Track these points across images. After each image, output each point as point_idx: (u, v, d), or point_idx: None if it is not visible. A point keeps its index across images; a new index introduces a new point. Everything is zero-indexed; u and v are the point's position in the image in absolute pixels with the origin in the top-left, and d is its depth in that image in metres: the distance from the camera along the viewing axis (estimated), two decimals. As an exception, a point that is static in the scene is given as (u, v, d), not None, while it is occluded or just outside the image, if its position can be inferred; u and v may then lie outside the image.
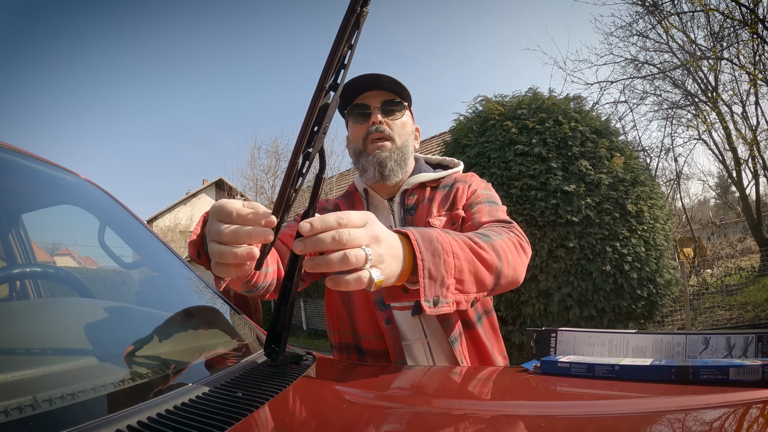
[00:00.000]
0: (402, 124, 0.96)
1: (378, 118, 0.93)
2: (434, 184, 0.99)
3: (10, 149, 0.76)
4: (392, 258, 0.56)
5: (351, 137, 0.99)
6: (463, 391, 0.60)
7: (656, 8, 7.24)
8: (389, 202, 0.98)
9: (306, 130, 0.47)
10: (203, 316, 0.83)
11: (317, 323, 9.51)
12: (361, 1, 0.43)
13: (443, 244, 0.63)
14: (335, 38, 0.44)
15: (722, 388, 0.45)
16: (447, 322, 0.88)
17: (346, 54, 0.46)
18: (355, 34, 0.45)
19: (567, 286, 4.03)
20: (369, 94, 0.94)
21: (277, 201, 0.52)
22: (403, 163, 0.96)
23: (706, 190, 22.52)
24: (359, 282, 0.52)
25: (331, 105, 0.49)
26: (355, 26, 0.44)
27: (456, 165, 1.04)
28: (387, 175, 0.94)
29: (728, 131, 7.77)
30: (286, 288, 0.60)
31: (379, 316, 0.88)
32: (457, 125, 4.82)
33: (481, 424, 0.43)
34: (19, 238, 1.06)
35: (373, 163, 0.93)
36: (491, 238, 0.74)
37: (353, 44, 0.46)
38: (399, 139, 0.95)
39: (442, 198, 0.97)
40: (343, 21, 0.43)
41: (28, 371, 0.44)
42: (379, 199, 0.99)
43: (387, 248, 0.55)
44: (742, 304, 5.65)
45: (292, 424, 0.44)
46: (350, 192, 1.04)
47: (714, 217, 16.23)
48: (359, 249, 0.51)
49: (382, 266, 0.54)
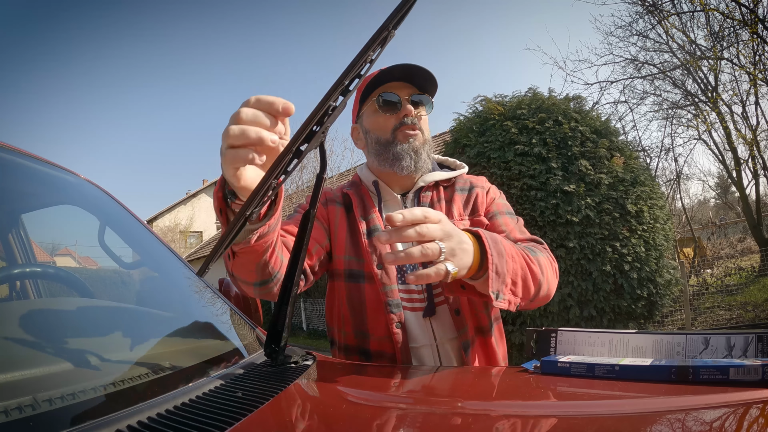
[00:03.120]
0: (426, 120, 0.97)
1: (410, 108, 0.93)
2: (446, 184, 1.00)
3: (10, 149, 0.76)
4: (463, 252, 0.60)
5: (373, 127, 0.97)
6: (463, 391, 0.60)
7: (656, 8, 7.24)
8: (402, 198, 0.97)
9: (306, 128, 0.47)
10: (203, 316, 0.83)
11: (317, 323, 9.51)
12: (394, 22, 0.45)
13: (505, 247, 0.68)
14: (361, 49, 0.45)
15: (722, 388, 0.45)
16: (462, 329, 0.87)
17: (365, 66, 0.48)
18: (378, 52, 0.47)
19: (567, 286, 4.03)
20: (396, 85, 0.94)
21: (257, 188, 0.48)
22: (430, 158, 0.96)
23: (706, 190, 22.54)
24: (438, 274, 0.56)
25: (338, 108, 0.49)
26: (381, 43, 0.46)
27: (461, 167, 1.04)
28: (421, 166, 0.93)
29: (728, 131, 7.76)
30: (286, 288, 0.60)
31: (391, 319, 0.86)
32: (457, 125, 4.82)
33: (480, 424, 0.43)
34: (19, 238, 1.06)
35: (408, 151, 0.92)
36: (536, 253, 0.80)
37: (374, 59, 0.48)
38: (425, 134, 0.96)
39: (462, 201, 0.97)
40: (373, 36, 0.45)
41: (28, 371, 0.44)
42: (391, 194, 0.97)
43: (458, 243, 0.60)
44: (742, 304, 5.65)
45: (292, 425, 0.44)
46: (356, 183, 1.02)
47: (714, 217, 16.22)
48: (434, 243, 0.56)
49: (454, 260, 0.59)
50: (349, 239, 0.93)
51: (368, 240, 0.90)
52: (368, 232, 0.91)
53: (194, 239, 23.07)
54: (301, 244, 0.59)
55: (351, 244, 0.92)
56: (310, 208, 0.60)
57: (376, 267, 0.88)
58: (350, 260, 0.91)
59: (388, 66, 0.92)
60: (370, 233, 0.91)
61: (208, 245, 17.73)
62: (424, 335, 0.88)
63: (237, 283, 0.76)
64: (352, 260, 0.91)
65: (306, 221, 0.60)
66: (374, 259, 0.88)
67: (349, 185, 1.02)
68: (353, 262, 0.91)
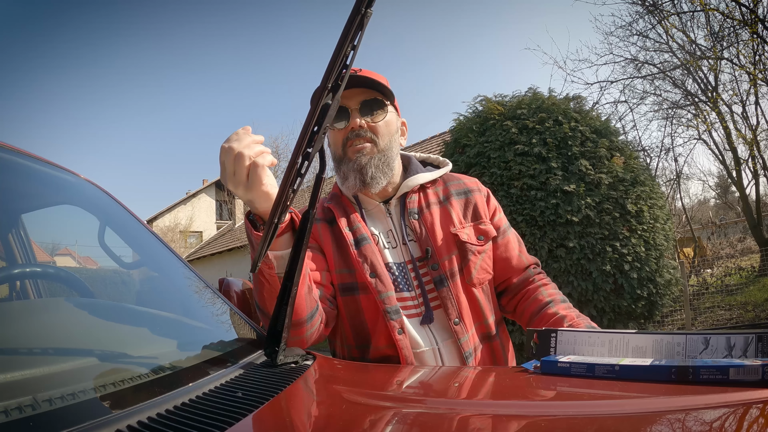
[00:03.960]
0: (385, 124, 0.90)
1: (357, 121, 0.87)
2: (432, 185, 0.97)
3: (10, 149, 0.76)
4: None
5: (330, 141, 0.93)
6: (463, 391, 0.60)
7: (656, 8, 7.23)
8: (385, 205, 0.94)
9: (307, 131, 0.47)
10: (203, 316, 0.83)
11: (317, 323, 9.47)
12: (366, 1, 0.43)
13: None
14: (339, 38, 0.43)
15: (722, 388, 0.45)
16: (464, 337, 0.86)
17: (349, 54, 0.46)
18: (359, 35, 0.45)
19: (567, 286, 4.03)
20: (346, 94, 0.87)
21: (276, 201, 0.52)
22: (386, 168, 0.90)
23: (706, 190, 22.52)
24: None
25: (332, 105, 0.49)
26: (359, 27, 0.44)
27: (444, 164, 1.01)
28: (369, 183, 0.88)
29: (728, 131, 7.76)
30: (286, 288, 0.60)
31: (392, 326, 0.84)
32: (456, 125, 4.81)
33: (480, 424, 0.43)
34: (19, 238, 1.06)
35: (353, 170, 0.88)
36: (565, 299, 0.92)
37: (356, 45, 0.46)
38: (382, 141, 0.89)
39: (461, 207, 0.94)
40: (347, 21, 0.43)
41: (28, 371, 0.44)
42: (373, 204, 0.94)
43: None
44: (742, 304, 5.65)
45: (292, 424, 0.44)
46: (336, 195, 0.97)
47: (714, 217, 16.22)
48: None
49: None
50: (337, 252, 0.90)
51: (357, 250, 0.88)
52: (356, 242, 0.89)
53: (194, 239, 23.07)
54: (301, 243, 0.59)
55: (340, 256, 0.89)
56: (310, 208, 0.60)
57: (369, 276, 0.86)
58: (342, 273, 0.89)
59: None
60: (357, 243, 0.88)
61: (208, 245, 17.73)
62: (426, 339, 0.86)
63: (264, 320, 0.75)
64: (344, 273, 0.89)
65: (306, 221, 0.60)
66: (366, 268, 0.86)
67: (330, 198, 0.98)
68: (345, 274, 0.88)
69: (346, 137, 0.89)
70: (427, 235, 0.90)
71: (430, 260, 0.89)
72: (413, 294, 0.88)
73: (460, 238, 0.90)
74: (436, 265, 0.88)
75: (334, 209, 0.93)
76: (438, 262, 0.88)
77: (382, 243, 0.91)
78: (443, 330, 0.87)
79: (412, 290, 0.88)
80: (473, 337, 0.89)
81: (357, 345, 0.90)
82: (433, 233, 0.90)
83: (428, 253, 0.89)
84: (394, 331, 0.83)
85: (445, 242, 0.90)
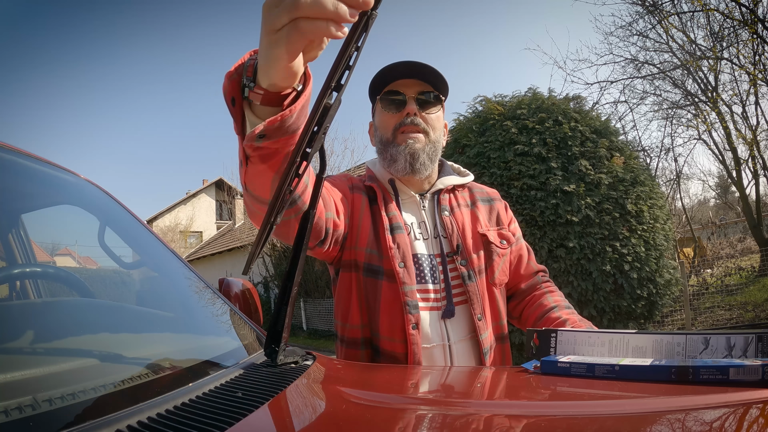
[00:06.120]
0: (437, 118, 0.94)
1: (413, 109, 0.90)
2: (460, 189, 1.01)
3: (10, 149, 0.76)
4: None
5: (379, 125, 0.95)
6: (463, 391, 0.60)
7: (656, 8, 7.23)
8: (420, 198, 0.96)
9: (308, 130, 0.47)
10: (203, 316, 0.83)
11: (317, 323, 9.51)
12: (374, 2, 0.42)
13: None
14: (344, 39, 0.43)
15: (722, 388, 0.45)
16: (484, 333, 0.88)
17: (353, 55, 0.46)
18: (363, 36, 0.45)
19: (567, 286, 4.03)
20: (405, 82, 0.90)
21: (272, 201, 0.51)
22: (435, 158, 0.94)
23: (706, 190, 22.51)
24: None
25: (333, 106, 0.48)
26: (364, 28, 0.44)
27: (467, 174, 1.05)
28: (418, 168, 0.91)
29: (728, 131, 7.76)
30: (286, 288, 0.60)
31: (408, 320, 0.84)
32: (456, 125, 4.81)
33: (480, 424, 0.43)
34: (19, 238, 1.06)
35: (404, 153, 0.90)
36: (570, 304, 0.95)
37: (360, 46, 0.45)
38: (433, 134, 0.93)
39: (486, 212, 0.99)
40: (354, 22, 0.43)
41: (28, 371, 0.44)
42: (409, 194, 0.96)
43: None
44: (742, 304, 5.65)
45: (292, 425, 0.44)
46: (373, 178, 0.98)
47: (714, 217, 16.22)
48: None
49: None
50: (372, 233, 0.91)
51: (391, 236, 0.89)
52: (391, 229, 0.90)
53: (194, 239, 23.07)
54: (301, 243, 0.59)
55: (374, 237, 0.90)
56: (309, 209, 0.60)
57: (398, 265, 0.86)
58: (371, 254, 0.89)
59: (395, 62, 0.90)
60: (393, 230, 0.90)
61: (208, 245, 17.73)
62: (437, 335, 0.87)
63: (249, 204, 0.66)
64: (374, 254, 0.89)
65: (305, 221, 0.60)
66: (397, 257, 0.87)
67: (369, 179, 0.98)
68: (374, 256, 0.89)
69: (401, 122, 0.91)
70: (459, 231, 0.93)
71: (460, 255, 0.91)
72: (437, 287, 0.89)
73: (488, 238, 0.94)
74: (466, 261, 0.91)
75: (377, 190, 0.95)
76: (468, 258, 0.91)
77: (413, 234, 0.93)
78: (462, 326, 0.88)
79: (438, 283, 0.89)
80: (491, 336, 0.90)
81: (362, 326, 0.88)
82: (464, 231, 0.94)
83: (458, 249, 0.91)
84: (408, 325, 0.84)
85: (474, 241, 0.93)
